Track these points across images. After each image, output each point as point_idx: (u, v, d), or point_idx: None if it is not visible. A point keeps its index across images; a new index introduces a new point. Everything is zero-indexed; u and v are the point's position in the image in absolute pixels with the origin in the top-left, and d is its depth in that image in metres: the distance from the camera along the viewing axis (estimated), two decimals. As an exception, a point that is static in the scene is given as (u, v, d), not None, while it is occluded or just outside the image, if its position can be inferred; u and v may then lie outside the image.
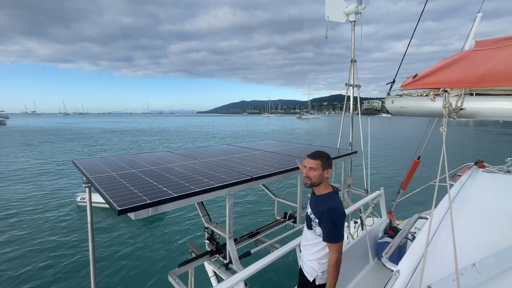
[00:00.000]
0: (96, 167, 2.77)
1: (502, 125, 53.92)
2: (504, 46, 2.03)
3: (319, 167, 1.84)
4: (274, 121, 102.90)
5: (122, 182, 2.26)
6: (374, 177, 12.83)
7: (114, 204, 1.75)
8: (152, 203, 1.83)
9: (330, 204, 1.78)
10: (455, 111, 2.11)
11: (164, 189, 2.11)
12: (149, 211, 1.82)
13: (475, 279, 1.03)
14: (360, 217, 3.61)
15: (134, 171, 2.66)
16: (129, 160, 3.16)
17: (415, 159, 3.78)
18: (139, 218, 1.80)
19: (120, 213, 1.68)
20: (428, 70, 2.36)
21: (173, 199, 1.94)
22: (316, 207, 1.85)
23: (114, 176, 2.43)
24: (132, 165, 2.90)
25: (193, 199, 2.07)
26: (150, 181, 2.30)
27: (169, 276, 2.27)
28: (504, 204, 1.68)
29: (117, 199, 1.84)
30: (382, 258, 1.49)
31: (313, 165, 1.84)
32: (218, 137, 36.40)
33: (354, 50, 4.64)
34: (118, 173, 2.55)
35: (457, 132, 42.43)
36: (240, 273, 1.82)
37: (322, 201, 1.83)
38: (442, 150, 1.72)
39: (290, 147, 4.38)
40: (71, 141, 30.09)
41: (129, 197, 1.89)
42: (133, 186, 2.14)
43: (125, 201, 1.81)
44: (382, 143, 27.42)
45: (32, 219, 8.51)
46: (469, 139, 31.56)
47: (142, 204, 1.79)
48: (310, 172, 1.85)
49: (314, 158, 1.86)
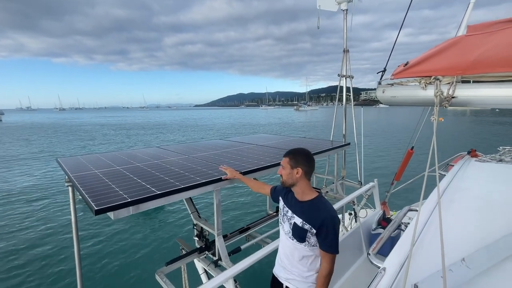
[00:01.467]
0: (79, 165, 2.69)
1: (499, 113, 54.18)
2: (496, 30, 1.95)
3: (287, 165, 1.67)
4: (272, 113, 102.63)
5: (104, 180, 2.18)
6: (369, 168, 12.86)
7: (92, 203, 1.67)
8: (133, 201, 1.75)
9: (329, 211, 1.61)
10: (446, 99, 2.04)
11: (147, 186, 2.04)
12: (129, 210, 1.74)
13: (465, 275, 0.97)
14: (353, 209, 3.58)
15: (118, 168, 2.58)
16: (115, 157, 3.08)
17: (409, 149, 3.74)
18: (119, 217, 1.73)
19: (98, 213, 1.60)
20: (420, 57, 2.28)
21: (156, 196, 1.87)
22: (309, 215, 1.62)
23: (97, 174, 2.35)
24: (118, 162, 2.81)
25: (177, 196, 2.00)
26: (134, 178, 2.23)
27: (156, 275, 2.21)
28: (496, 194, 1.63)
29: (96, 198, 1.77)
30: (369, 255, 1.44)
31: (282, 163, 1.70)
32: (215, 130, 36.23)
33: (346, 39, 4.54)
34: (101, 170, 2.47)
35: (454, 121, 42.60)
36: (229, 270, 1.77)
37: (314, 208, 1.63)
38: (433, 140, 1.66)
39: (282, 140, 4.31)
40: (73, 137, 29.84)
41: (110, 196, 1.81)
42: (115, 184, 2.06)
43: (104, 200, 1.73)
44: (378, 134, 27.46)
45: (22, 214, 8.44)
46: (465, 129, 31.70)
47: (122, 203, 1.71)
48: (280, 169, 1.70)
49: (284, 155, 1.71)
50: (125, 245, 6.72)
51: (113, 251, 6.47)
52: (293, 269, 1.72)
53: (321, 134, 20.83)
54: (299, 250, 1.67)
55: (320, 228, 1.56)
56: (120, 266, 5.85)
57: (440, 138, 1.97)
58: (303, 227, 1.62)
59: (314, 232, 1.59)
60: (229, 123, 48.81)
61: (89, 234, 7.23)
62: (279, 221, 1.87)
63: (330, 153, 3.82)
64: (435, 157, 1.54)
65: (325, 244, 1.58)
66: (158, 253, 6.35)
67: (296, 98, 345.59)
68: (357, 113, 4.86)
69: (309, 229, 1.60)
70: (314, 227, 1.58)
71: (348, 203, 3.13)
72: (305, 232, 1.61)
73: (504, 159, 2.28)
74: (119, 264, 5.95)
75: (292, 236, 1.69)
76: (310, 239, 1.61)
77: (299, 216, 1.66)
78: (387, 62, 2.71)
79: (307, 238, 1.62)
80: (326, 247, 1.58)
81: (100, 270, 5.72)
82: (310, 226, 1.60)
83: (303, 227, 1.62)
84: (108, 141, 26.23)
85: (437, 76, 2.12)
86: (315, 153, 3.38)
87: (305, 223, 1.62)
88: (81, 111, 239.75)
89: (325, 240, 1.57)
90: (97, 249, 6.56)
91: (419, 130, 3.55)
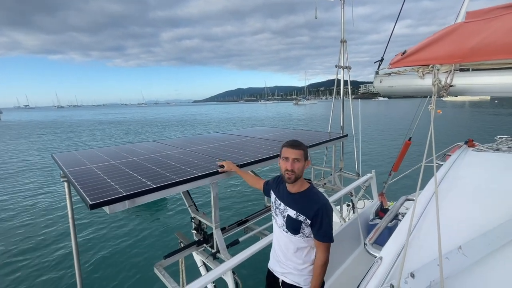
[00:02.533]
0: (75, 160, 2.66)
1: (498, 105, 54.03)
2: (496, 16, 1.91)
3: (302, 158, 1.61)
4: (271, 108, 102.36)
5: (100, 174, 2.16)
6: (367, 159, 12.89)
7: (86, 198, 1.66)
8: (128, 195, 1.74)
9: (322, 199, 1.61)
10: (444, 88, 2.01)
11: (143, 180, 2.02)
12: (125, 204, 1.73)
13: (461, 262, 0.97)
14: (351, 200, 3.59)
15: (114, 162, 2.55)
16: (111, 152, 3.05)
17: (406, 140, 3.73)
18: (115, 211, 1.71)
19: (93, 207, 1.59)
20: (418, 46, 2.24)
21: (152, 190, 1.86)
22: (303, 206, 1.61)
23: (93, 169, 2.33)
24: (114, 157, 2.79)
25: (173, 190, 1.99)
26: (130, 173, 2.21)
27: (155, 268, 2.22)
28: (492, 183, 1.62)
29: (91, 192, 1.75)
30: (366, 245, 1.44)
31: (298, 155, 1.60)
32: (214, 124, 36.07)
33: (344, 30, 4.48)
34: (97, 165, 2.45)
35: (453, 112, 42.58)
36: (227, 262, 1.78)
37: (307, 198, 1.63)
38: (430, 129, 1.64)
39: (280, 133, 4.29)
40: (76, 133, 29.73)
41: (105, 190, 1.80)
42: (110, 179, 2.04)
43: (99, 195, 1.72)
44: (376, 126, 27.47)
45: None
46: (464, 119, 31.69)
47: (117, 197, 1.70)
48: (295, 164, 1.59)
49: (297, 147, 1.61)
50: (124, 239, 6.75)
51: (112, 245, 6.50)
52: (288, 262, 1.71)
53: (319, 128, 20.82)
54: (293, 243, 1.66)
55: (314, 218, 1.56)
56: (119, 260, 5.87)
57: (438, 129, 1.96)
58: (297, 219, 1.61)
59: (309, 222, 1.58)
60: (227, 119, 48.61)
61: (87, 229, 7.25)
62: (272, 215, 1.85)
63: (328, 144, 3.81)
64: (432, 147, 1.53)
65: (320, 234, 1.57)
66: (156, 247, 6.38)
67: (295, 93, 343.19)
68: (355, 106, 4.83)
69: (304, 220, 1.59)
70: (308, 218, 1.58)
71: (346, 194, 3.13)
72: (299, 223, 1.60)
73: (501, 148, 2.27)
74: (118, 258, 5.97)
75: (286, 229, 1.67)
76: (305, 230, 1.61)
77: (293, 208, 1.64)
78: (384, 51, 2.66)
79: (302, 230, 1.61)
80: (321, 237, 1.58)
81: (98, 264, 5.76)
82: (304, 217, 1.59)
83: (297, 218, 1.61)
84: (109, 137, 26.21)
85: (435, 65, 2.09)
86: (313, 144, 3.37)
87: (299, 214, 1.61)
88: (79, 109, 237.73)
89: (319, 230, 1.56)
90: (95, 243, 6.59)
91: (416, 120, 3.53)
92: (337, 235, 2.68)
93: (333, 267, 2.67)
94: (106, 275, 5.43)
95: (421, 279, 0.89)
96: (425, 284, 0.87)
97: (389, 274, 0.99)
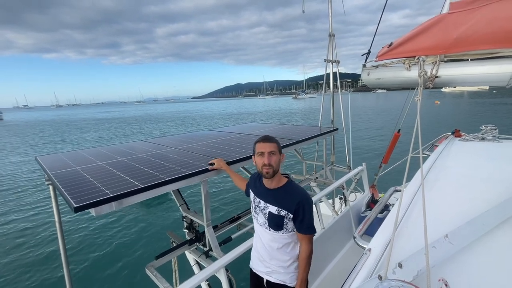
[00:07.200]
0: (60, 162, 2.58)
1: (498, 94, 54.65)
2: (479, 6, 1.93)
3: (277, 151, 1.59)
4: (270, 102, 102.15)
5: (86, 176, 2.10)
6: (358, 152, 13.03)
7: (71, 200, 1.60)
8: (115, 196, 1.69)
9: (302, 192, 1.60)
10: (430, 79, 2.02)
11: (131, 180, 1.97)
12: (112, 205, 1.69)
13: (448, 250, 0.98)
14: (343, 193, 3.61)
15: (101, 163, 2.49)
16: (98, 153, 2.98)
17: (395, 132, 3.77)
18: (102, 214, 1.67)
19: (78, 210, 1.54)
20: (404, 37, 2.24)
21: (139, 190, 1.81)
22: (283, 201, 1.59)
23: (78, 171, 2.26)
24: (100, 158, 2.72)
25: (162, 189, 1.95)
26: (117, 173, 2.16)
27: (146, 269, 2.18)
28: (477, 171, 1.65)
29: (76, 195, 1.70)
30: (355, 238, 1.44)
31: (273, 148, 1.57)
32: (215, 120, 35.72)
33: (331, 23, 4.47)
34: (82, 167, 2.38)
35: (452, 103, 42.98)
36: (220, 260, 1.77)
37: (287, 192, 1.61)
38: (417, 121, 1.65)
39: (270, 129, 4.28)
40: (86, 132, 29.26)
41: (91, 192, 1.75)
42: (96, 180, 1.99)
43: (85, 197, 1.67)
44: (369, 119, 27.75)
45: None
46: (460, 110, 31.96)
47: (104, 198, 1.65)
48: (271, 157, 1.56)
49: (270, 141, 1.60)
50: (114, 240, 6.64)
51: (102, 247, 6.39)
52: (273, 261, 1.67)
53: (317, 121, 21.04)
54: (277, 240, 1.63)
55: (296, 212, 1.55)
56: (110, 262, 5.77)
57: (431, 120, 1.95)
58: (279, 214, 1.59)
59: (291, 217, 1.57)
60: (226, 114, 48.25)
61: (76, 231, 7.11)
62: (252, 214, 1.82)
63: (319, 138, 3.82)
64: (419, 138, 1.54)
65: (303, 227, 1.57)
66: (148, 247, 6.30)
67: (294, 87, 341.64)
68: (345, 100, 4.85)
69: (286, 215, 1.57)
70: (290, 212, 1.56)
71: (338, 188, 3.15)
72: (282, 218, 1.58)
73: (486, 137, 2.32)
74: (108, 260, 5.87)
75: (268, 227, 1.64)
76: (288, 225, 1.59)
77: (273, 204, 1.61)
78: (371, 43, 2.67)
79: (284, 225, 1.59)
80: (304, 230, 1.57)
81: (89, 267, 5.65)
82: (286, 212, 1.57)
83: (279, 214, 1.59)
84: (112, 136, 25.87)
85: (420, 56, 2.10)
86: (304, 139, 3.37)
87: (281, 209, 1.58)
88: (78, 107, 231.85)
89: (302, 223, 1.56)
90: (84, 246, 6.46)
91: (405, 112, 3.56)
92: (329, 228, 2.70)
93: (326, 260, 2.69)
94: (96, 278, 5.33)
95: (408, 269, 0.89)
96: (412, 273, 0.88)
97: (378, 265, 1.00)
